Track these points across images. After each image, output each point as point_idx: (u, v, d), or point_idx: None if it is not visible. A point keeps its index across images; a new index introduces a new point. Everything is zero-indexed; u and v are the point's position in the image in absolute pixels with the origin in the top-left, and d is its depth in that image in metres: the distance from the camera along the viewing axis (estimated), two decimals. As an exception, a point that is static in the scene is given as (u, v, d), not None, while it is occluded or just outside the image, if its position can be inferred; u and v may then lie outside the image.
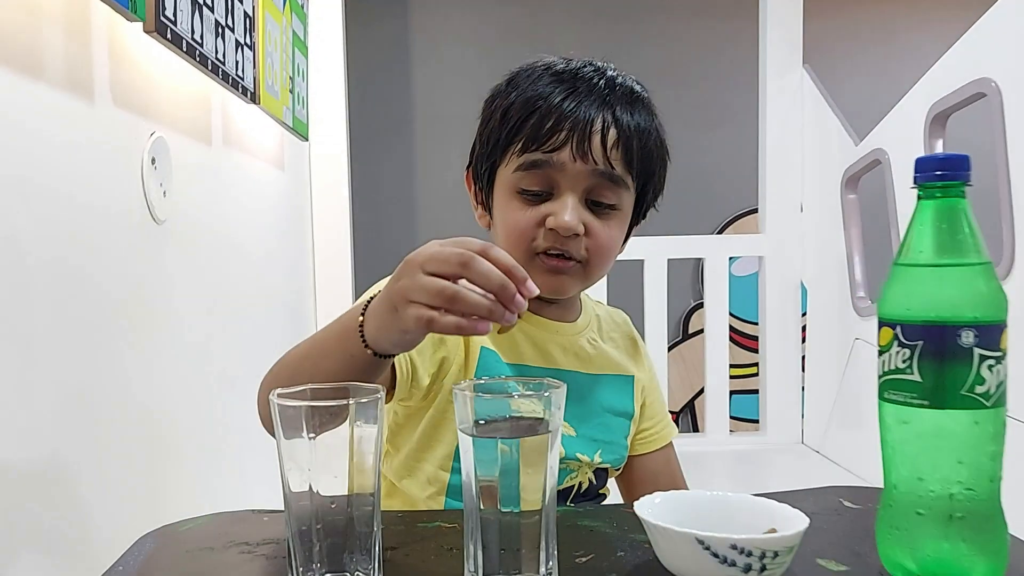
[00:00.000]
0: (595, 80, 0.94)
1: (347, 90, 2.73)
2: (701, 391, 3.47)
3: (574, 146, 0.90)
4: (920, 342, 0.63)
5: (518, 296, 0.66)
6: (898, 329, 0.65)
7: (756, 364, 3.17)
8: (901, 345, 0.64)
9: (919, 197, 0.66)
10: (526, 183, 0.93)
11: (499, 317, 0.66)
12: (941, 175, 0.64)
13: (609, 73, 0.96)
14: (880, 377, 0.67)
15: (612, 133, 0.92)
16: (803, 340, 2.81)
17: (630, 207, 0.98)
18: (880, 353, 0.66)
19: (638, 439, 1.10)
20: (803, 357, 2.80)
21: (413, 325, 0.66)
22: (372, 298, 0.74)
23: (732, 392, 2.81)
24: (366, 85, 3.37)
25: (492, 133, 0.96)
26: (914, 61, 2.42)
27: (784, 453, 2.69)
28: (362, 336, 0.73)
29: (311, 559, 0.63)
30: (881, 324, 0.66)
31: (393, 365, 0.89)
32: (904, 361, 0.64)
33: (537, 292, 0.68)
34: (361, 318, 0.73)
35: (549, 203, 0.93)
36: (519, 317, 0.68)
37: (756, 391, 2.99)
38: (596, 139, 0.91)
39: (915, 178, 0.66)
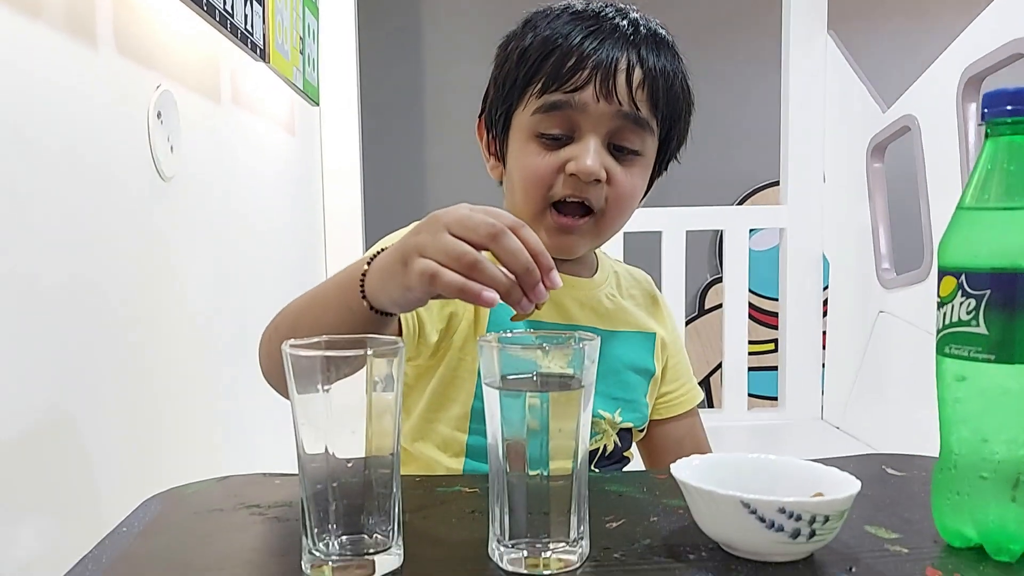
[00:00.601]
0: (618, 21, 0.89)
1: (358, 55, 2.67)
2: (717, 367, 3.42)
3: (597, 85, 0.85)
4: (987, 291, 0.58)
5: (540, 286, 0.62)
6: (962, 278, 0.59)
7: (773, 341, 3.11)
8: (965, 295, 0.59)
9: (986, 135, 0.61)
10: (545, 126, 0.88)
11: (515, 300, 0.62)
12: (1012, 110, 0.59)
13: (632, 15, 0.91)
14: (939, 331, 0.62)
15: (638, 73, 0.87)
16: (824, 315, 2.75)
17: (653, 154, 0.93)
18: (940, 305, 0.61)
19: (661, 403, 1.05)
20: (823, 332, 2.75)
21: (417, 280, 0.61)
22: (381, 251, 0.69)
23: (748, 368, 2.76)
24: (377, 50, 3.31)
25: (508, 75, 0.91)
26: (943, 26, 2.35)
27: (803, 428, 2.64)
28: (362, 289, 0.68)
29: (327, 520, 0.59)
30: (943, 274, 0.61)
31: (400, 322, 0.84)
32: (968, 312, 0.59)
33: (560, 285, 0.64)
34: (366, 268, 0.69)
35: (569, 147, 0.88)
36: (537, 308, 0.63)
37: (773, 368, 2.94)
38: (621, 78, 0.86)
39: (982, 114, 0.60)
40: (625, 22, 0.89)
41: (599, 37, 0.87)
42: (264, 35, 1.62)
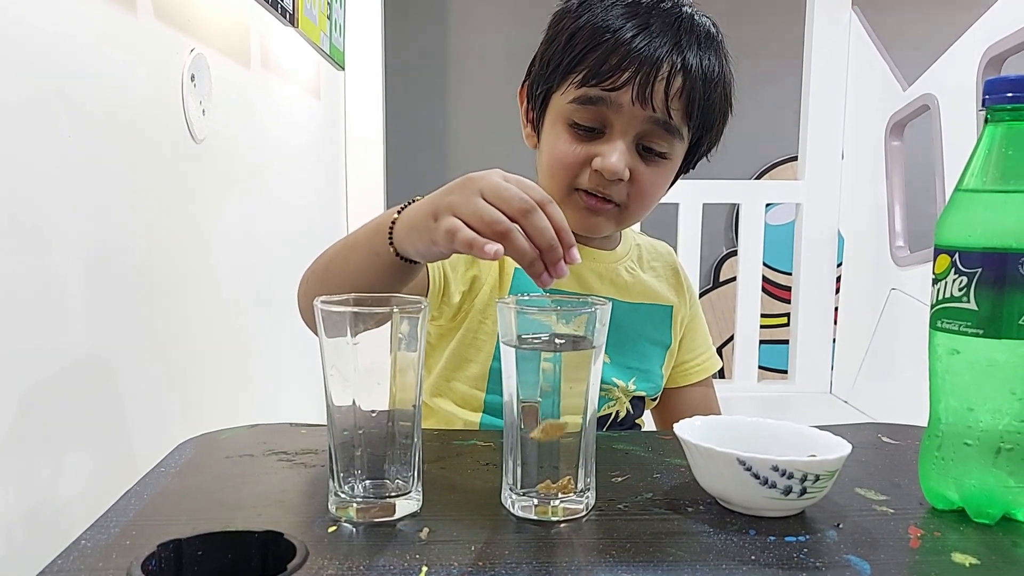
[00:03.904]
0: (671, 17, 0.90)
1: (383, 20, 2.69)
2: (730, 339, 3.46)
3: (636, 90, 0.87)
4: (978, 270, 0.62)
5: (562, 262, 0.65)
6: (956, 256, 0.63)
7: (786, 315, 3.14)
8: (958, 273, 0.63)
9: (986, 120, 0.64)
10: (579, 117, 0.91)
11: (537, 274, 0.65)
12: (1012, 97, 0.62)
13: (686, 9, 0.92)
14: (933, 305, 0.65)
15: (678, 81, 0.88)
16: (836, 291, 2.78)
17: (680, 157, 0.96)
18: (935, 281, 0.65)
19: (677, 371, 1.09)
20: (835, 308, 2.77)
21: (443, 236, 0.64)
22: (412, 201, 0.73)
23: (760, 341, 2.79)
24: (402, 16, 3.32)
25: (554, 56, 0.93)
26: (966, 5, 2.34)
27: (812, 401, 2.68)
28: (390, 236, 0.72)
29: (352, 465, 0.64)
30: (938, 251, 0.65)
31: (427, 272, 0.89)
32: (960, 289, 0.63)
33: (579, 261, 0.67)
34: (396, 216, 0.72)
35: (598, 143, 0.91)
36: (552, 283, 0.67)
37: (784, 341, 2.97)
38: (660, 86, 0.88)
39: (983, 100, 0.63)
40: (678, 20, 0.90)
41: (648, 37, 0.88)
42: (293, 1, 1.65)
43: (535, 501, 0.64)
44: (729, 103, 0.96)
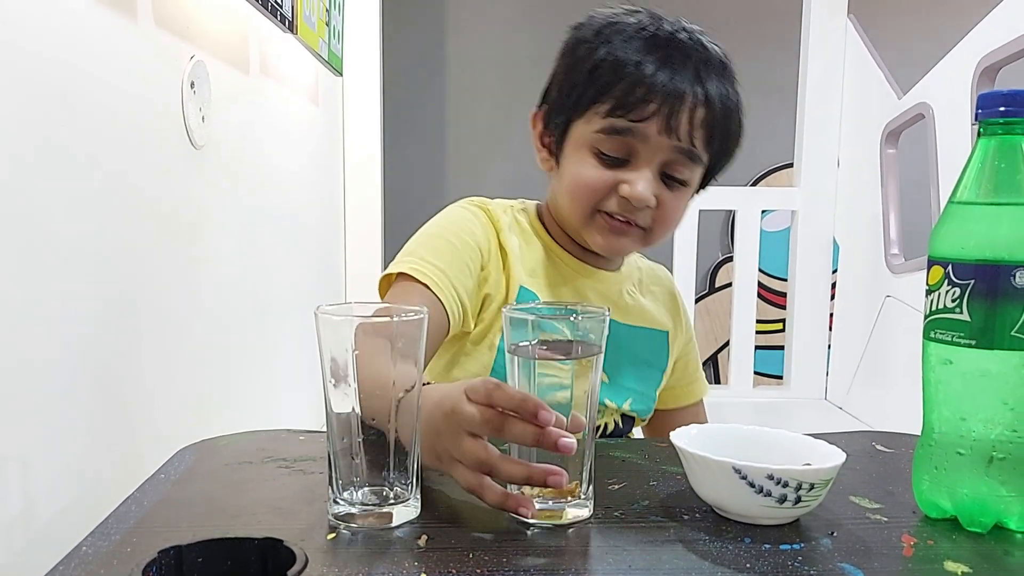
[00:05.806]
0: (689, 49, 0.92)
1: (381, 26, 2.70)
2: (725, 345, 3.47)
3: (662, 121, 0.89)
4: (971, 281, 0.62)
5: (562, 440, 0.60)
6: (949, 268, 0.64)
7: (781, 320, 3.15)
8: (951, 284, 0.63)
9: (979, 134, 0.64)
10: (605, 146, 0.92)
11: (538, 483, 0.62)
12: (1005, 111, 0.62)
13: (701, 39, 0.94)
14: (926, 316, 0.66)
15: (700, 112, 0.91)
16: (831, 297, 2.79)
17: (698, 180, 0.98)
18: (928, 292, 0.66)
19: (668, 394, 1.11)
20: (831, 315, 2.79)
21: (464, 485, 0.64)
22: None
23: (755, 347, 2.80)
24: (400, 22, 3.34)
25: (576, 87, 0.94)
26: (963, 13, 2.35)
27: (807, 407, 2.69)
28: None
29: (351, 473, 0.64)
30: (931, 263, 0.65)
31: (446, 311, 0.90)
32: (953, 300, 0.63)
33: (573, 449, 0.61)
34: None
35: (624, 170, 0.92)
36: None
37: (779, 347, 2.98)
38: (684, 117, 0.90)
39: (976, 114, 0.64)
40: (695, 52, 0.92)
41: (670, 71, 0.89)
42: (292, 7, 1.65)
43: (534, 507, 0.64)
44: (742, 130, 0.98)
